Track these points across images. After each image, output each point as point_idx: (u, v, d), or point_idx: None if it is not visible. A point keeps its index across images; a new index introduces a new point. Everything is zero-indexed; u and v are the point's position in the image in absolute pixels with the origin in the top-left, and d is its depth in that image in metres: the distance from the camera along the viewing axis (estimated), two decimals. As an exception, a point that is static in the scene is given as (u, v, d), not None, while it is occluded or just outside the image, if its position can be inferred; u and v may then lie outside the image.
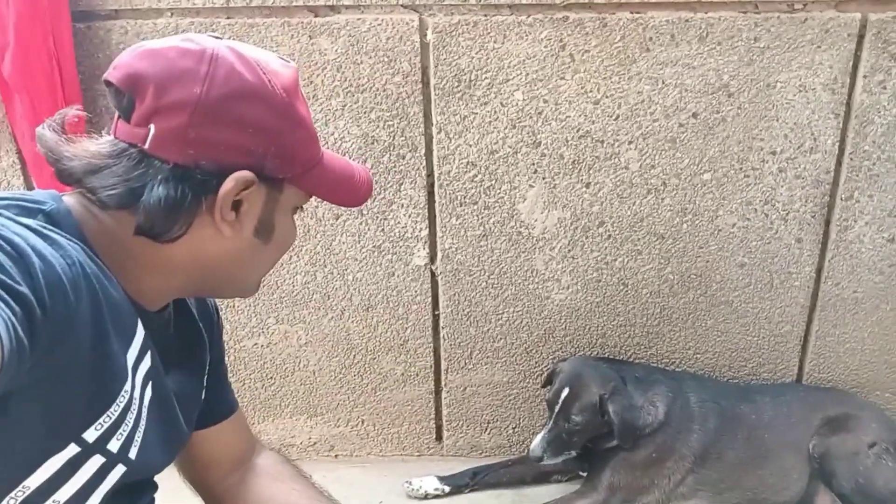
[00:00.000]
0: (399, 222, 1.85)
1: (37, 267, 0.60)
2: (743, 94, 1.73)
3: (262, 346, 1.99)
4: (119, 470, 0.78)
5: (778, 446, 1.79)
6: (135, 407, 0.78)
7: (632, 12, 1.68)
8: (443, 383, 2.03)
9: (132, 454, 0.79)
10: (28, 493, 0.68)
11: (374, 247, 1.87)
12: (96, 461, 0.74)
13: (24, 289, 0.57)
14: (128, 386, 0.76)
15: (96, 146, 0.76)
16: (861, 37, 1.69)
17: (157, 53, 0.73)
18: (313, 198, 0.87)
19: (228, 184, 0.74)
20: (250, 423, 1.15)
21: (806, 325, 1.95)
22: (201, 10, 1.70)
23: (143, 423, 0.81)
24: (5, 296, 0.55)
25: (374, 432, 2.10)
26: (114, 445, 0.75)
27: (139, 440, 0.80)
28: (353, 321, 1.96)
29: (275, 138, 0.77)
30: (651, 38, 1.69)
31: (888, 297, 1.89)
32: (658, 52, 1.70)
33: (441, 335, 1.97)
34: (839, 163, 1.79)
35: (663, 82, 1.73)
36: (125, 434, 0.76)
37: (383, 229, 1.85)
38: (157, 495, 0.96)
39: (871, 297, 1.90)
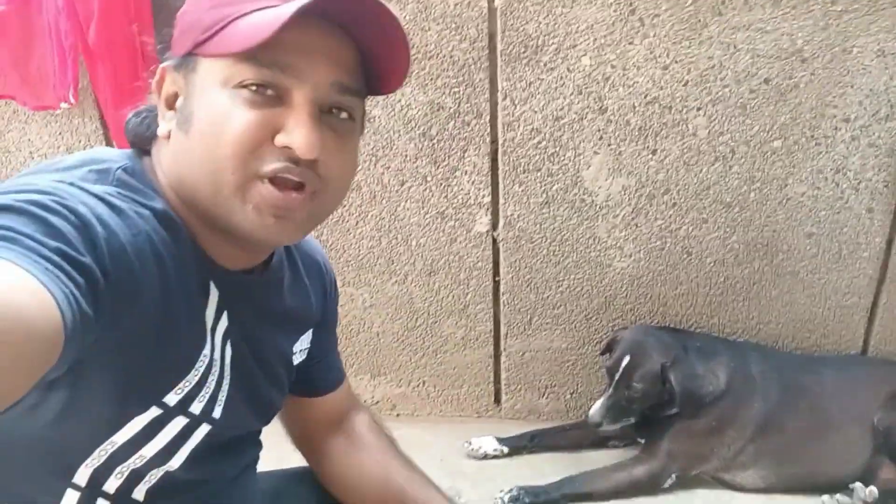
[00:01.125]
0: (462, 189, 1.87)
1: (101, 237, 0.60)
2: (817, 60, 1.69)
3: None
4: (204, 429, 0.79)
5: (841, 419, 1.78)
6: (216, 368, 0.78)
7: (704, -25, 1.65)
8: (502, 348, 2.06)
9: (216, 414, 0.80)
10: (115, 447, 0.71)
11: (437, 213, 1.90)
12: (180, 421, 0.75)
13: (87, 259, 0.57)
14: (207, 349, 0.76)
15: None
16: (947, -2, 1.63)
17: None
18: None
19: (153, 80, 0.74)
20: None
21: (874, 297, 1.91)
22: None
23: (226, 382, 0.81)
24: (68, 267, 0.55)
25: (434, 393, 2.15)
26: (196, 407, 0.76)
27: (223, 400, 0.80)
28: (415, 285, 2.00)
29: (182, 18, 0.72)
30: (724, 2, 1.66)
31: (964, 270, 1.84)
32: (730, 15, 1.67)
33: (501, 301, 2.00)
34: (917, 131, 1.74)
35: (735, 47, 1.69)
36: (207, 395, 0.77)
37: (447, 196, 1.88)
38: (262, 454, 0.98)
39: (945, 269, 1.85)
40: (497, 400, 2.15)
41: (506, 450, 1.97)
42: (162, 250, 0.68)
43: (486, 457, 1.96)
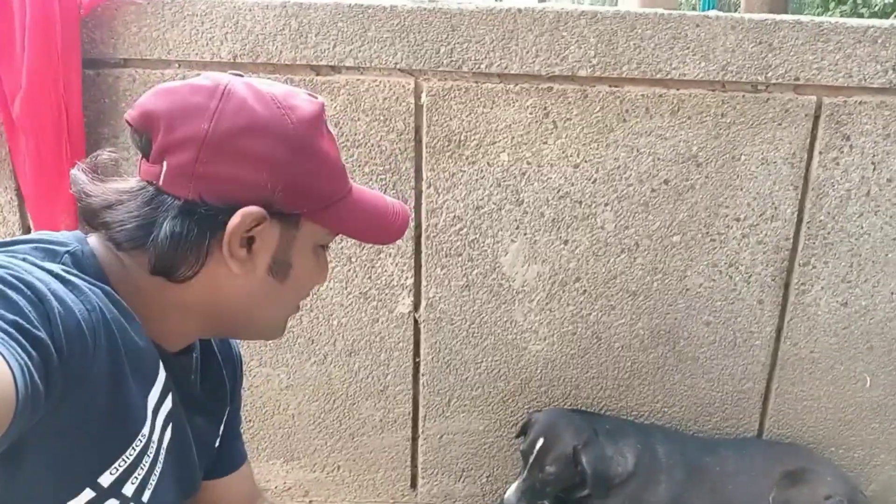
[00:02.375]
0: (386, 270, 1.93)
1: (56, 312, 0.60)
2: (710, 165, 1.88)
3: (244, 388, 2.02)
4: None
5: (741, 498, 1.87)
6: (152, 450, 0.78)
7: (610, 85, 1.83)
8: (420, 430, 2.07)
9: (145, 497, 0.79)
10: None
11: (360, 293, 1.94)
12: None
13: (42, 334, 0.57)
14: (146, 429, 0.76)
15: (119, 185, 0.76)
16: (817, 117, 1.85)
17: (171, 91, 0.74)
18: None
19: (235, 219, 0.73)
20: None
21: (766, 382, 2.06)
22: (208, 64, 1.79)
23: (159, 465, 0.81)
24: (23, 340, 0.55)
25: (349, 478, 2.12)
26: (128, 489, 0.75)
27: (154, 483, 0.80)
28: (335, 366, 2.01)
29: (285, 172, 0.74)
30: (627, 110, 1.83)
31: (842, 358, 2.02)
32: (633, 122, 1.84)
33: (421, 382, 2.03)
34: (797, 231, 1.93)
35: (638, 150, 1.86)
36: (140, 477, 0.76)
37: (370, 276, 1.93)
38: None
39: (826, 357, 2.02)
40: (413, 484, 2.14)
41: (422, 535, 1.95)
42: (114, 328, 0.68)
43: (401, 542, 1.94)
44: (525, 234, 1.91)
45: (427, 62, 1.79)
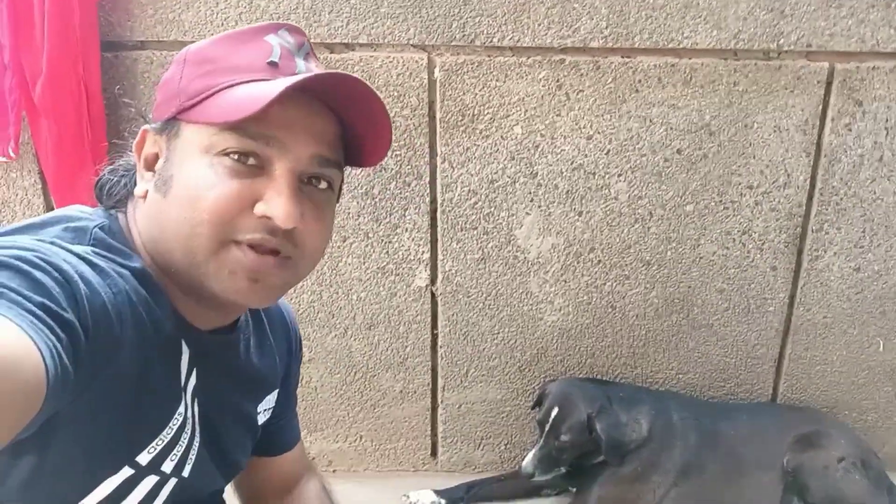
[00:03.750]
0: (403, 245, 1.96)
1: (83, 294, 0.61)
2: (723, 133, 1.88)
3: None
4: (172, 483, 0.79)
5: (754, 461, 1.91)
6: (189, 427, 0.79)
7: (623, 56, 1.83)
8: (439, 400, 2.12)
9: (185, 472, 0.80)
10: None
11: (378, 268, 1.98)
12: (150, 480, 0.75)
13: (70, 316, 0.58)
14: (181, 407, 0.77)
15: None
16: (829, 84, 1.85)
17: None
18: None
19: (135, 141, 0.77)
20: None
21: (780, 348, 2.09)
22: (224, 44, 1.81)
23: (196, 440, 0.82)
24: (51, 322, 0.55)
25: (371, 448, 2.18)
26: (167, 466, 0.76)
27: (193, 458, 0.81)
28: (355, 339, 2.05)
29: (168, 84, 0.75)
30: (640, 81, 1.84)
31: (855, 322, 2.04)
32: (646, 93, 1.85)
33: (439, 354, 2.07)
34: (810, 197, 1.94)
35: (651, 121, 1.87)
36: (179, 454, 0.78)
37: (388, 252, 1.96)
38: None
39: (839, 322, 2.04)
40: (434, 453, 2.19)
41: (443, 502, 2.00)
42: (141, 310, 0.69)
43: (423, 509, 2.00)
44: (539, 207, 1.93)
45: (439, 37, 1.80)
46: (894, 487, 1.90)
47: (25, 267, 0.58)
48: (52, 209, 1.90)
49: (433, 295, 2.01)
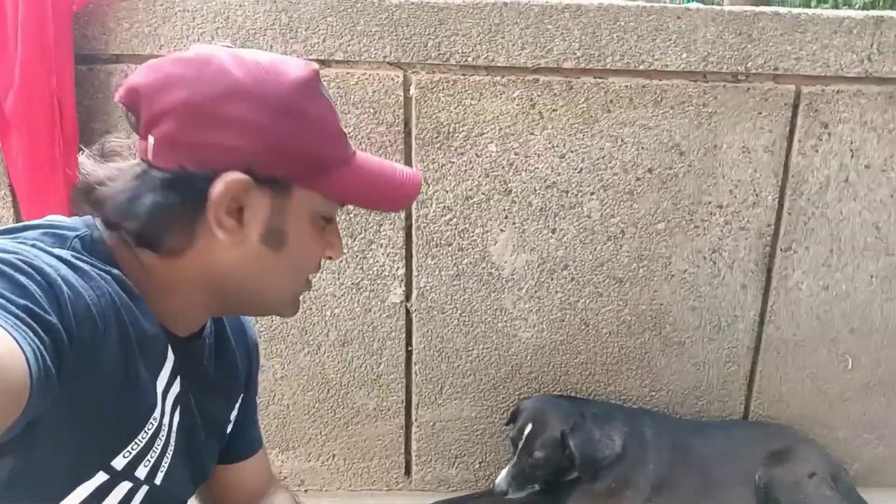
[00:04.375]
0: (378, 261, 1.96)
1: (66, 297, 0.61)
2: (693, 153, 1.92)
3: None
4: (143, 491, 0.79)
5: (727, 477, 1.92)
6: (163, 433, 0.79)
7: (595, 77, 1.87)
8: (413, 418, 2.11)
9: (158, 480, 0.80)
10: None
11: (352, 284, 1.98)
12: (124, 487, 0.75)
13: (52, 318, 0.58)
14: (157, 413, 0.77)
15: (118, 164, 0.76)
16: (796, 106, 1.90)
17: (154, 66, 0.74)
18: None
19: (218, 186, 0.71)
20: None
21: (751, 365, 2.11)
22: (200, 59, 1.82)
23: (171, 448, 0.82)
24: (34, 325, 0.56)
25: (344, 467, 2.16)
26: (141, 472, 0.76)
27: (166, 466, 0.81)
28: (328, 356, 2.04)
29: (268, 136, 0.72)
30: (612, 101, 1.88)
31: (824, 340, 2.07)
32: (618, 113, 1.88)
33: (413, 371, 2.06)
34: (779, 217, 1.98)
35: (622, 140, 1.90)
36: (153, 460, 0.78)
37: (362, 267, 1.96)
38: None
39: (809, 340, 2.07)
40: (407, 472, 2.17)
41: (416, 520, 1.99)
42: (123, 313, 0.69)
43: (396, 528, 1.98)
44: (514, 224, 1.95)
45: (415, 55, 1.83)
46: (863, 502, 1.92)
47: (8, 270, 0.58)
48: (21, 220, 1.89)
49: (408, 311, 2.01)
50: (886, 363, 2.09)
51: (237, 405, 1.00)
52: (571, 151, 1.90)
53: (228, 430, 0.99)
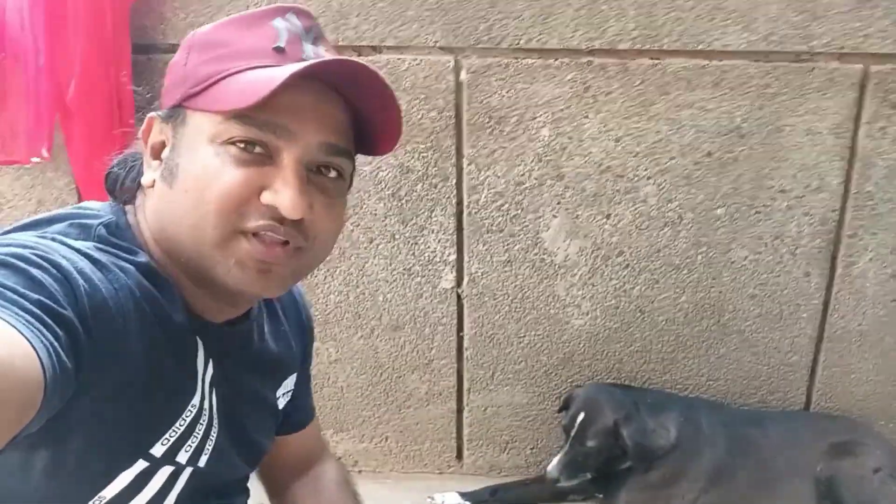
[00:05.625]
0: (429, 247, 1.96)
1: (82, 291, 0.61)
2: (754, 136, 1.85)
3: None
4: (187, 473, 0.79)
5: (786, 470, 1.87)
6: (205, 418, 0.79)
7: (651, 58, 1.82)
8: (465, 403, 2.12)
9: (201, 462, 0.80)
10: (104, 502, 0.71)
11: (404, 269, 1.99)
12: (165, 471, 0.76)
13: (68, 312, 0.58)
14: (196, 399, 0.77)
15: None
16: (863, 86, 1.81)
17: None
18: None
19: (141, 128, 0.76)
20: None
21: (814, 355, 2.04)
22: (254, 47, 1.84)
23: (214, 431, 0.82)
24: (49, 320, 0.55)
25: (396, 449, 2.18)
26: (182, 457, 0.77)
27: (210, 448, 0.81)
28: (381, 340, 2.06)
29: (173, 70, 0.74)
30: (669, 83, 1.82)
31: (891, 330, 1.99)
32: (675, 94, 1.83)
33: (465, 356, 2.07)
34: (844, 202, 1.90)
35: (680, 123, 1.85)
36: (194, 445, 0.78)
37: (414, 253, 1.97)
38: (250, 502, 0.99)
39: (875, 329, 1.99)
40: (459, 456, 2.19)
41: (468, 504, 2.00)
42: (145, 304, 0.69)
43: (448, 511, 1.99)
44: (566, 210, 1.92)
45: (466, 40, 1.81)
46: (932, 500, 1.85)
47: (23, 265, 0.58)
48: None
49: (459, 297, 2.01)
50: (959, 354, 2.00)
51: (288, 381, 1.00)
52: (627, 135, 1.86)
53: (282, 405, 0.99)
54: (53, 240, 0.66)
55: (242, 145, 0.69)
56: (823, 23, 1.75)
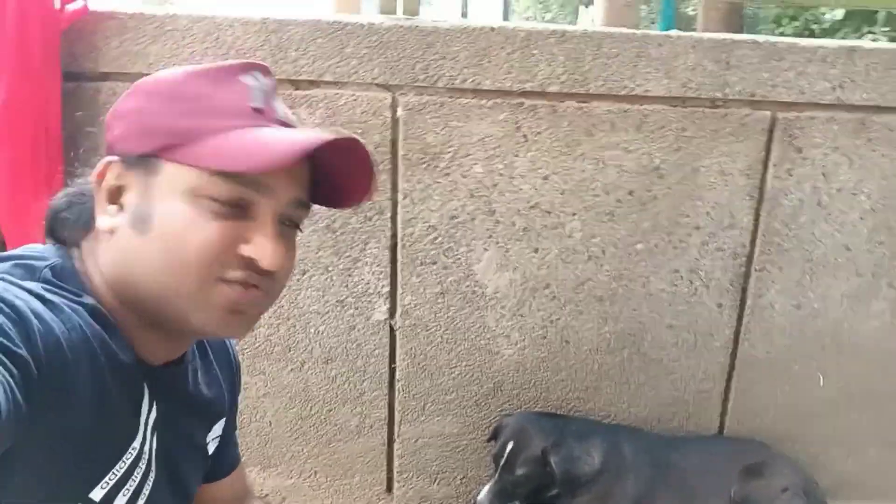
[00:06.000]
0: (363, 279, 1.98)
1: (36, 330, 0.61)
2: (672, 176, 1.97)
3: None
4: None
5: (704, 492, 1.96)
6: (144, 461, 0.79)
7: (578, 101, 1.91)
8: (395, 435, 2.13)
9: None
10: None
11: (337, 301, 1.99)
12: None
13: (22, 351, 0.58)
14: (137, 442, 0.77)
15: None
16: (771, 131, 1.96)
17: None
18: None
19: (94, 171, 0.75)
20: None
21: (726, 382, 2.16)
22: (188, 78, 1.83)
23: (152, 475, 0.82)
24: (3, 358, 0.56)
25: (326, 484, 2.16)
26: (120, 501, 0.76)
27: (147, 492, 0.81)
28: (312, 373, 2.05)
29: (139, 117, 0.74)
30: (594, 125, 1.92)
31: (797, 357, 2.13)
32: (600, 136, 1.93)
33: (396, 388, 2.08)
34: (753, 238, 2.04)
35: (604, 163, 1.95)
36: (132, 488, 0.77)
37: (347, 285, 1.98)
38: None
39: (782, 358, 2.13)
40: (389, 489, 2.19)
41: (399, 536, 2.01)
42: (95, 345, 0.70)
43: (379, 544, 1.99)
44: (497, 243, 1.98)
45: (403, 77, 1.85)
46: (834, 517, 1.98)
47: None
48: (1, 239, 1.87)
49: (392, 329, 2.03)
50: (856, 380, 2.16)
51: (219, 426, 1.01)
52: (555, 173, 1.94)
53: (211, 450, 1.00)
54: (2, 279, 0.66)
55: (223, 201, 0.72)
56: (736, 72, 1.90)
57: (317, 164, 0.79)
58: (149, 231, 0.72)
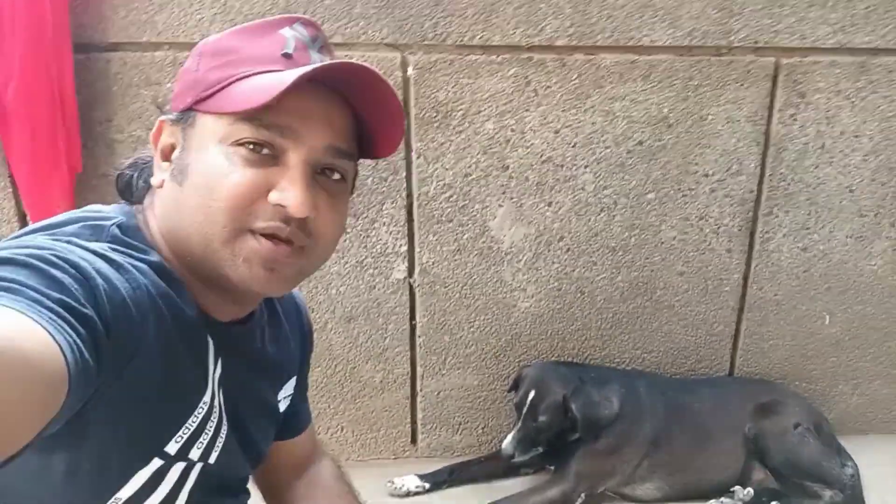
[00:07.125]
0: (381, 239, 2.01)
1: (102, 290, 0.61)
2: (680, 125, 2.00)
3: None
4: (198, 469, 0.81)
5: (718, 431, 2.04)
6: (215, 416, 0.81)
7: (586, 54, 1.93)
8: (418, 389, 2.18)
9: (212, 459, 0.82)
10: (120, 503, 0.72)
11: (356, 262, 2.03)
12: (178, 468, 0.78)
13: (89, 311, 0.58)
14: (207, 396, 0.79)
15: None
16: (775, 77, 1.99)
17: None
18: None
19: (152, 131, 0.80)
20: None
21: (736, 324, 2.23)
22: (199, 46, 1.83)
23: (224, 428, 0.84)
24: (70, 318, 0.56)
25: (352, 438, 2.23)
26: (195, 453, 0.78)
27: (220, 445, 0.83)
28: (335, 333, 2.10)
29: (185, 75, 0.77)
30: (603, 77, 1.94)
31: (804, 299, 2.19)
32: (609, 88, 1.95)
33: (417, 343, 2.13)
34: (760, 183, 2.08)
35: (613, 114, 1.98)
36: (206, 441, 0.79)
37: (366, 246, 2.02)
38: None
39: (789, 299, 2.19)
40: (413, 440, 2.25)
41: (427, 485, 2.07)
42: (160, 303, 0.70)
43: (409, 494, 2.06)
44: (511, 199, 2.01)
45: (412, 36, 1.87)
46: (842, 449, 2.07)
47: (43, 265, 0.59)
48: (22, 213, 1.90)
49: (411, 287, 2.07)
50: (860, 318, 2.23)
51: (288, 385, 1.02)
52: (565, 127, 1.97)
53: (282, 408, 1.01)
54: (69, 242, 0.67)
55: (251, 146, 0.71)
56: (740, 19, 1.92)
57: (357, 116, 0.78)
58: (185, 180, 0.73)
